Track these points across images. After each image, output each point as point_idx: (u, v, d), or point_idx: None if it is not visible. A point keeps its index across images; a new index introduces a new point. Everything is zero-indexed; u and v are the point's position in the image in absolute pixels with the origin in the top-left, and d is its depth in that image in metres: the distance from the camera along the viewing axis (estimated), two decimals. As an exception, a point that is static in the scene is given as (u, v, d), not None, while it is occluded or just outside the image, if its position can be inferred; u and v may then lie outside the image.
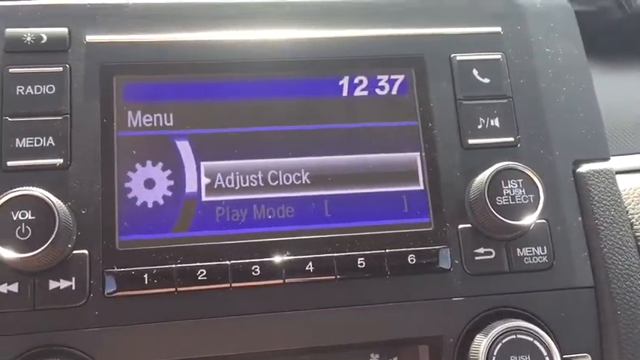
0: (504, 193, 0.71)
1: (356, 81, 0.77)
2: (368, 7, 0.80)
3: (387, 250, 0.71)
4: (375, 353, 0.73)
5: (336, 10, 0.80)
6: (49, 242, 0.63)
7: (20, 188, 0.65)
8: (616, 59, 1.02)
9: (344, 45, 0.78)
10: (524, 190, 0.71)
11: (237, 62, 0.75)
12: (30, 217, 0.64)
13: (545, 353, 0.68)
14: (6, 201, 0.64)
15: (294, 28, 0.77)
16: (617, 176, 0.78)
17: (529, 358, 0.67)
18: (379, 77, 0.77)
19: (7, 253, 0.63)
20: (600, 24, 1.02)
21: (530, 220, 0.70)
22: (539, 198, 0.71)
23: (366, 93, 0.77)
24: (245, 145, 0.74)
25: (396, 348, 0.74)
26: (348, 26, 0.78)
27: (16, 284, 0.66)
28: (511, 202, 0.70)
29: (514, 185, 0.71)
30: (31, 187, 0.65)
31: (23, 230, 0.64)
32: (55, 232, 0.63)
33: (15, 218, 0.64)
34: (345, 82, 0.77)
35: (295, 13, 0.78)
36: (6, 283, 0.66)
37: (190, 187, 0.72)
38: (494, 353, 0.67)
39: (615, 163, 0.80)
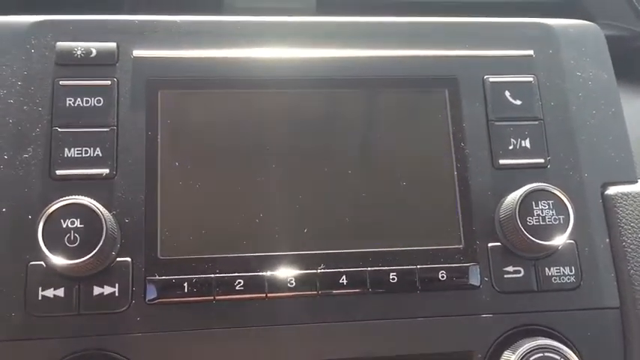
0: (535, 213, 0.72)
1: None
2: (403, 28, 0.83)
3: (419, 266, 0.73)
4: (404, 366, 0.75)
5: (371, 31, 0.82)
6: (96, 249, 0.66)
7: (70, 197, 0.68)
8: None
9: (379, 65, 0.80)
10: (554, 212, 0.73)
11: (277, 79, 0.78)
12: (79, 225, 0.67)
13: (571, 372, 0.69)
14: (56, 209, 0.67)
15: (332, 48, 0.80)
16: (644, 199, 0.80)
17: (556, 376, 0.69)
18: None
19: (57, 260, 0.65)
20: (630, 49, 1.03)
21: (560, 240, 0.72)
22: (569, 219, 0.72)
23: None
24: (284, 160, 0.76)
25: (426, 362, 0.75)
26: (383, 46, 0.81)
27: (62, 289, 0.69)
28: (541, 223, 0.72)
29: (545, 206, 0.73)
30: (80, 196, 0.68)
31: (72, 237, 0.66)
32: (102, 239, 0.66)
33: (64, 226, 0.66)
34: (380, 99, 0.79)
35: (333, 33, 0.81)
36: (52, 288, 0.69)
37: None
38: (522, 370, 0.69)
39: (643, 185, 0.81)
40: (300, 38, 0.80)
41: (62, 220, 0.67)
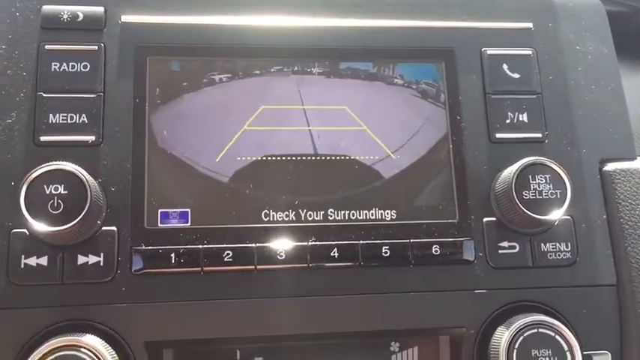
0: (531, 187, 0.71)
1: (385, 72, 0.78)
2: (400, -2, 0.81)
3: (412, 240, 0.72)
4: (395, 342, 0.74)
5: (369, 1, 0.80)
6: (80, 217, 0.64)
7: (53, 162, 0.66)
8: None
9: (376, 35, 0.78)
10: (551, 186, 0.71)
11: (272, 47, 0.76)
12: (62, 192, 0.65)
13: (566, 348, 0.68)
14: (39, 175, 0.65)
15: (329, 17, 0.78)
16: (643, 177, 0.79)
17: (550, 352, 0.68)
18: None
19: (40, 226, 0.63)
20: (631, 25, 1.02)
21: (556, 215, 0.70)
22: (566, 194, 0.71)
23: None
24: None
25: (417, 337, 0.74)
26: (380, 17, 0.79)
27: (46, 258, 0.67)
28: (538, 197, 0.71)
29: (541, 180, 0.71)
30: (64, 162, 0.66)
31: (55, 204, 0.64)
32: (86, 207, 0.64)
33: (48, 192, 0.65)
34: (375, 71, 0.77)
35: (329, 2, 0.79)
36: (35, 256, 0.67)
37: None
38: (516, 346, 0.68)
39: (641, 163, 0.80)
40: (295, 6, 0.78)
41: (45, 186, 0.65)
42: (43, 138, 0.70)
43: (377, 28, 0.78)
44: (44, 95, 0.71)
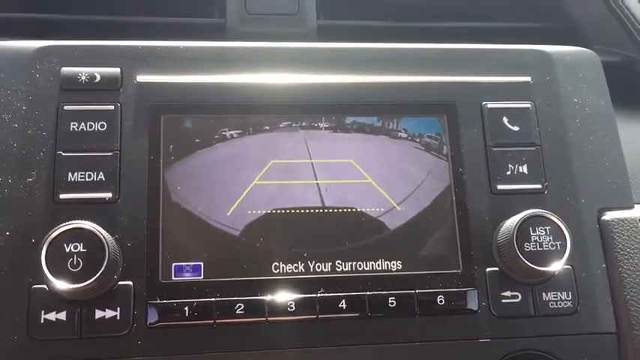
0: (532, 239, 0.73)
1: (390, 126, 0.80)
2: (402, 54, 0.84)
3: (417, 291, 0.74)
4: (402, 391, 0.76)
5: (371, 57, 0.83)
6: (99, 274, 0.67)
7: (73, 222, 0.69)
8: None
9: (380, 91, 0.81)
10: (551, 238, 0.74)
11: (278, 104, 0.79)
12: (82, 250, 0.67)
13: (568, 397, 0.70)
14: (59, 234, 0.68)
15: (333, 74, 0.81)
16: (641, 224, 0.81)
17: (553, 400, 0.70)
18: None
19: (60, 284, 0.66)
20: (627, 74, 1.05)
21: (556, 266, 0.73)
22: (565, 245, 0.73)
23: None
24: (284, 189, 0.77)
25: (423, 386, 0.76)
26: (384, 73, 0.82)
27: (64, 313, 0.69)
28: (539, 249, 0.73)
29: (542, 232, 0.74)
30: (83, 221, 0.69)
31: (75, 262, 0.67)
32: (104, 264, 0.67)
33: (67, 250, 0.67)
34: (380, 125, 0.80)
35: (334, 59, 0.82)
36: (55, 312, 0.69)
37: None
38: (520, 395, 0.70)
39: (638, 211, 0.82)
40: (302, 64, 0.81)
41: (65, 245, 0.67)
42: (62, 196, 0.73)
43: (381, 84, 0.81)
44: (63, 154, 0.74)
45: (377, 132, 0.80)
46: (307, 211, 0.76)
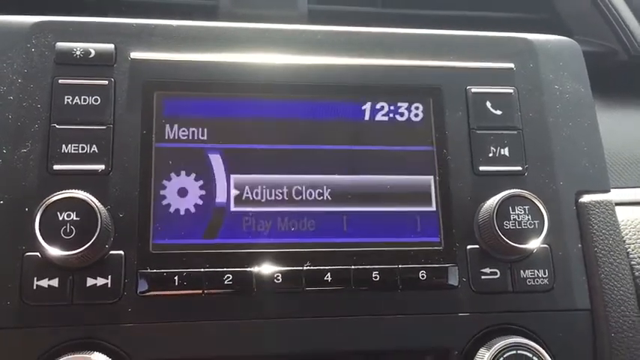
0: (511, 218, 0.76)
1: (377, 107, 0.83)
2: (391, 39, 0.86)
3: (400, 266, 0.77)
4: (383, 362, 0.78)
5: (360, 40, 0.85)
6: (91, 242, 0.68)
7: (66, 191, 0.70)
8: (619, 98, 1.08)
9: (368, 73, 0.83)
10: (530, 217, 0.76)
11: (268, 84, 0.81)
12: (75, 218, 0.69)
13: (543, 369, 0.73)
14: (53, 202, 0.69)
15: (323, 55, 0.83)
16: (616, 208, 0.84)
17: (528, 372, 0.72)
18: (399, 104, 0.83)
19: (53, 251, 0.68)
20: (606, 64, 1.08)
21: (534, 244, 0.76)
22: (543, 224, 0.76)
23: (386, 118, 0.83)
24: (272, 161, 0.79)
25: (404, 358, 0.78)
26: (372, 56, 0.84)
27: (57, 279, 0.71)
28: (517, 227, 0.76)
29: (521, 211, 0.76)
30: (76, 190, 0.71)
31: (68, 230, 0.69)
32: (97, 233, 0.69)
33: (61, 218, 0.69)
34: (367, 107, 0.83)
35: (325, 42, 0.84)
36: (47, 278, 0.71)
37: (220, 197, 0.77)
38: (496, 367, 0.72)
39: (614, 195, 0.85)
40: (292, 45, 0.84)
41: (59, 213, 0.69)
42: (56, 167, 0.74)
43: (369, 66, 0.84)
44: (57, 127, 0.76)
45: (363, 114, 0.82)
46: (296, 187, 0.78)
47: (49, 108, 0.76)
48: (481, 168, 0.82)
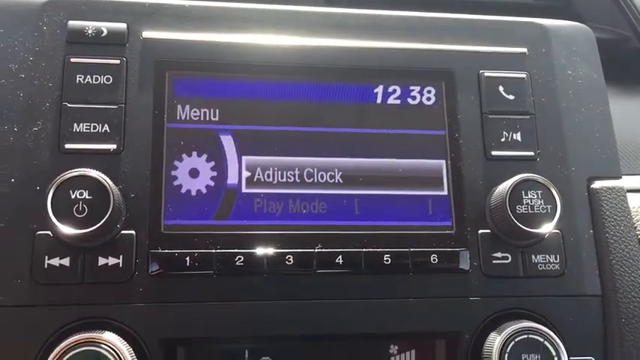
0: (524, 202, 0.76)
1: (390, 90, 0.82)
2: (405, 22, 0.86)
3: (411, 249, 0.76)
4: (394, 345, 0.78)
5: (375, 23, 0.85)
6: (103, 220, 0.68)
7: (79, 169, 0.70)
8: (631, 85, 1.08)
9: (381, 56, 0.83)
10: (542, 201, 0.76)
11: (281, 65, 0.81)
12: (87, 197, 0.69)
13: (554, 353, 0.73)
14: (65, 180, 0.69)
15: (336, 38, 0.83)
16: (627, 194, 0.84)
17: (539, 357, 0.72)
18: (412, 88, 0.83)
19: (65, 229, 0.68)
20: (618, 51, 1.07)
21: (546, 228, 0.75)
22: (556, 209, 0.76)
23: (398, 102, 0.82)
24: (284, 143, 0.79)
25: (415, 341, 0.78)
26: (385, 39, 0.84)
27: (68, 258, 0.71)
28: (530, 211, 0.76)
29: (534, 196, 0.76)
30: (89, 169, 0.70)
31: (80, 208, 0.68)
32: (109, 211, 0.68)
33: (73, 197, 0.69)
34: (379, 90, 0.82)
35: (338, 24, 0.84)
36: (58, 257, 0.71)
37: (232, 178, 0.77)
38: (507, 350, 0.72)
39: (625, 182, 0.85)
40: (305, 27, 0.83)
41: (71, 191, 0.69)
42: (67, 146, 0.74)
43: (381, 49, 0.83)
44: (69, 105, 0.75)
45: (375, 97, 0.82)
46: (306, 169, 0.78)
47: (60, 86, 0.76)
48: (493, 152, 0.81)
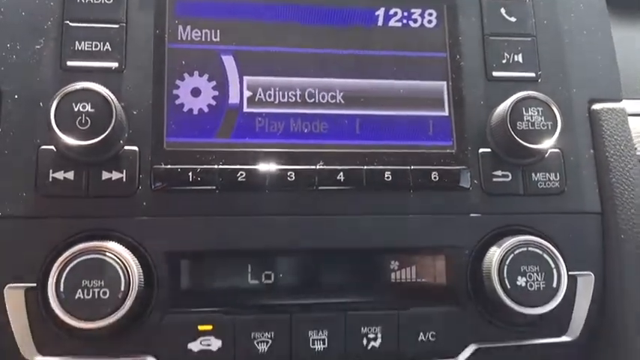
0: (525, 119, 0.76)
1: (391, 12, 0.82)
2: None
3: (412, 167, 0.77)
4: (395, 260, 0.79)
5: None
6: (106, 132, 0.69)
7: (82, 82, 0.70)
8: (632, 13, 1.07)
9: None
10: (543, 118, 0.76)
11: None
12: (90, 110, 0.69)
13: (552, 265, 0.74)
14: (68, 93, 0.69)
15: None
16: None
17: (538, 268, 0.73)
18: (413, 10, 0.83)
19: (68, 140, 0.68)
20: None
21: (547, 144, 0.76)
22: (556, 125, 0.76)
23: (399, 24, 0.82)
24: (285, 64, 0.79)
25: (415, 256, 0.79)
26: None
27: (72, 172, 0.72)
28: (530, 128, 0.76)
29: (534, 112, 0.76)
30: (91, 83, 0.71)
31: (83, 120, 0.69)
32: (112, 124, 0.69)
33: (76, 109, 0.69)
34: (380, 12, 0.82)
35: None
36: (62, 171, 0.72)
37: (233, 98, 0.77)
38: (507, 262, 0.73)
39: (626, 105, 0.85)
40: None
41: (74, 104, 0.69)
42: (69, 63, 0.74)
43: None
44: (70, 24, 0.76)
45: (377, 20, 0.82)
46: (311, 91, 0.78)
47: (62, 5, 0.76)
48: (494, 74, 0.82)
